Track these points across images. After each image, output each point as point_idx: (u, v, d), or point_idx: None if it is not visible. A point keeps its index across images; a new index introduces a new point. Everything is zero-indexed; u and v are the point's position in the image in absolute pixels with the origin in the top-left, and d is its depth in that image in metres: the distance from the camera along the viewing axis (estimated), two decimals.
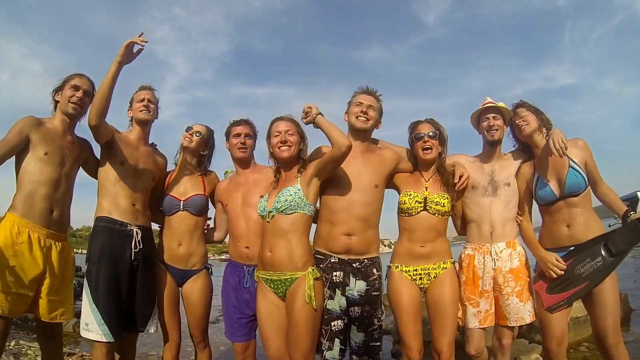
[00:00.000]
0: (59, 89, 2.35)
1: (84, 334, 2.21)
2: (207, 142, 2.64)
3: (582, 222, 2.24)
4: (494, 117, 2.43)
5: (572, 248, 2.23)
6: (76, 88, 2.32)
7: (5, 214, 2.12)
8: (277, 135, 2.28)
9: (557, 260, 2.22)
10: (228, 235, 2.63)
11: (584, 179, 2.21)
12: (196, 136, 2.56)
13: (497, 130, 2.41)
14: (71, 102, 2.30)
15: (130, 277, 2.29)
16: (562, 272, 2.21)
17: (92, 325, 2.16)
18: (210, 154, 2.69)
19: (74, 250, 2.50)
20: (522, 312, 2.30)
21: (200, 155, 2.63)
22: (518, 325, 2.36)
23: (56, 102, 2.36)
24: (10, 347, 3.74)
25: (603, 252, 2.12)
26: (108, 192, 2.35)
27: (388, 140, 2.55)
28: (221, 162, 2.84)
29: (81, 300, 2.24)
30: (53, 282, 2.14)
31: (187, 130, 2.59)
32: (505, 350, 2.39)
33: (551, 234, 2.32)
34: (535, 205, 2.45)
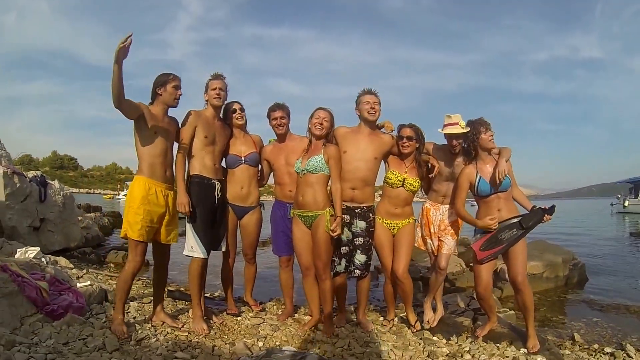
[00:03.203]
0: (161, 85, 2.99)
1: (188, 253, 3.17)
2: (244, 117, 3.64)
3: (507, 209, 3.14)
4: (456, 137, 3.34)
5: (499, 223, 3.10)
6: (177, 87, 3.03)
7: (135, 176, 3.04)
8: (317, 118, 3.20)
9: (489, 219, 3.08)
10: (274, 182, 3.77)
11: (510, 182, 3.09)
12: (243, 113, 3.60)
13: (458, 146, 3.38)
14: (176, 99, 3.05)
15: (214, 215, 3.35)
16: (496, 225, 3.05)
17: (195, 247, 3.15)
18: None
19: (88, 190, 3.26)
20: (452, 244, 3.49)
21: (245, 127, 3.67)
22: (447, 253, 3.47)
23: (157, 93, 3.01)
24: (82, 275, 4.80)
25: (517, 226, 3.08)
26: (197, 156, 3.22)
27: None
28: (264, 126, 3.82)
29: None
30: (169, 218, 3.07)
31: (241, 111, 3.57)
32: (443, 271, 3.54)
33: (486, 215, 3.14)
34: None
